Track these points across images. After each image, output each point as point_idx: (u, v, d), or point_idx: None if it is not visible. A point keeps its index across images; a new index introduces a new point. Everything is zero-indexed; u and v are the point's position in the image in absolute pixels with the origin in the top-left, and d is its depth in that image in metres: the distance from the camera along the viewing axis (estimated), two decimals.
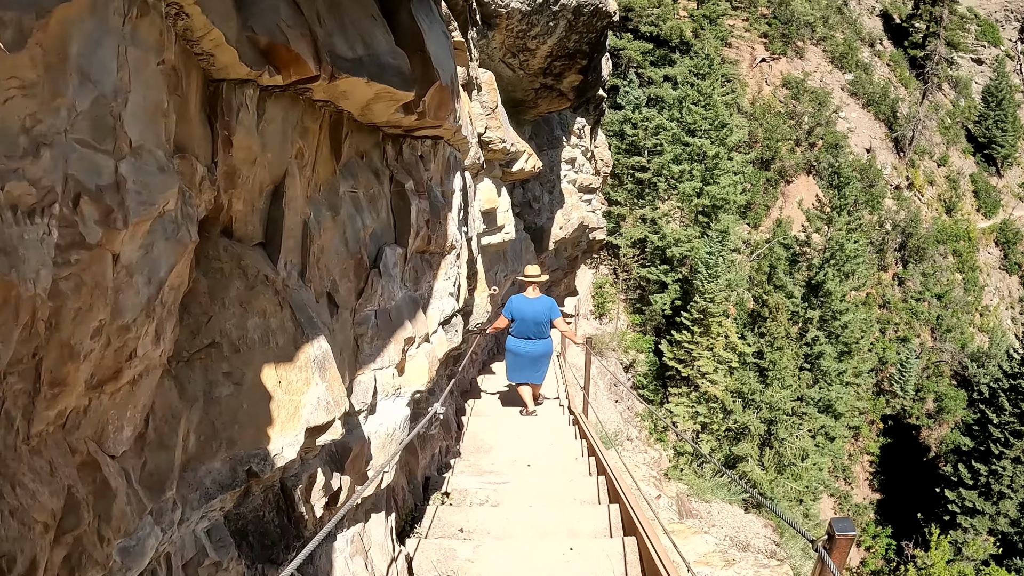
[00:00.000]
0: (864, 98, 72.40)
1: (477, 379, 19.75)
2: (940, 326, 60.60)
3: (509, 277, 19.83)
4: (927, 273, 62.89)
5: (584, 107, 25.98)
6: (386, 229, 7.09)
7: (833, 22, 76.84)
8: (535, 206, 23.21)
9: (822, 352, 36.89)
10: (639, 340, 40.45)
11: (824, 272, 37.18)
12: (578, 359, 25.66)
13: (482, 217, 14.26)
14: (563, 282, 32.47)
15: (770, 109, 64.59)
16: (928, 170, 72.00)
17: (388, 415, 6.78)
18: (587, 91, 19.32)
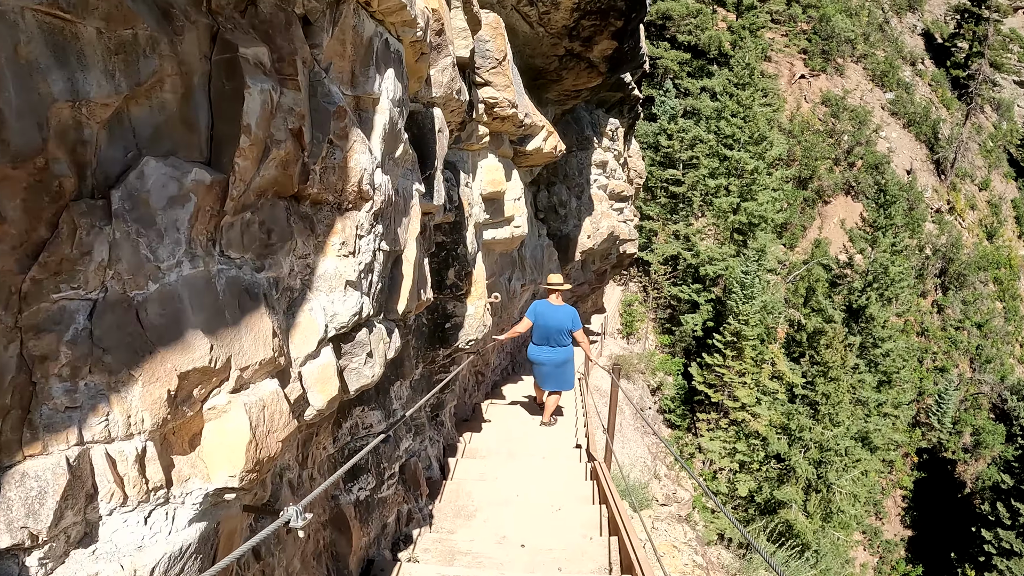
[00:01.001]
0: (905, 118, 70.26)
1: (482, 405, 16.68)
2: (979, 356, 57.83)
3: (527, 287, 17.67)
4: (967, 301, 60.32)
5: (618, 107, 24.22)
6: (177, 129, 3.62)
7: (874, 39, 74.67)
8: (561, 212, 21.29)
9: (862, 381, 34.60)
10: (667, 362, 39.08)
11: (867, 296, 34.86)
12: (603, 382, 23.55)
13: (483, 204, 12.19)
14: (590, 298, 30.45)
15: (808, 127, 62.64)
16: (969, 194, 69.80)
17: (125, 556, 3.29)
18: (623, 64, 16.59)
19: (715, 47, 53.63)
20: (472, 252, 10.75)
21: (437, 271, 10.10)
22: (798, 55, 67.91)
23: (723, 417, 35.18)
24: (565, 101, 17.96)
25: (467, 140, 10.92)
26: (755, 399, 32.63)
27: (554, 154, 15.34)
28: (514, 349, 22.42)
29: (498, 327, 14.73)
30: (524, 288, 17.60)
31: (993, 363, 58.06)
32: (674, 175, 42.32)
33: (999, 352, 59.24)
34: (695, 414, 36.63)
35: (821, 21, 68.96)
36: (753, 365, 34.83)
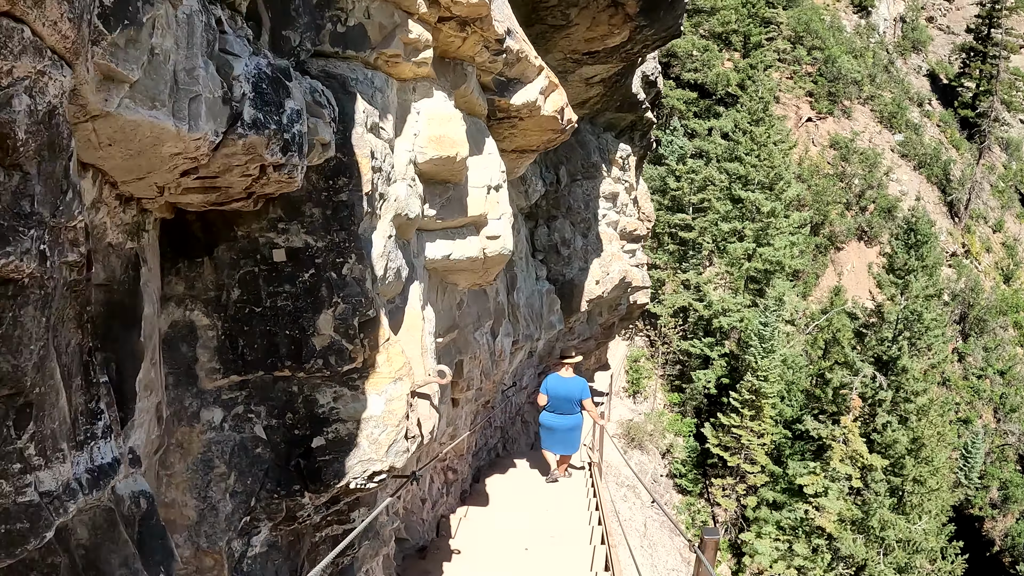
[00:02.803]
0: (915, 160, 68.40)
1: (452, 517, 12.35)
2: (1003, 405, 54.35)
3: (521, 345, 14.46)
4: (988, 347, 57.31)
5: (629, 132, 20.90)
6: None
7: (880, 81, 72.98)
8: (564, 252, 18.02)
9: (896, 441, 30.84)
10: (677, 422, 36.14)
11: (899, 346, 31.09)
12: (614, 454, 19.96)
13: (420, 183, 7.12)
14: (594, 354, 26.83)
15: (818, 171, 59.90)
16: (984, 236, 67.99)
17: None
18: (659, 9, 12.00)
19: (722, 86, 51.61)
20: (387, 276, 6.11)
21: (289, 317, 5.42)
22: (804, 98, 65.69)
23: (740, 482, 32.40)
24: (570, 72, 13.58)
25: (383, 46, 6.07)
26: (822, 487, 28.83)
27: (559, 124, 10.02)
28: (506, 423, 18.62)
29: (466, 422, 11.04)
30: (517, 347, 13.87)
31: (1018, 412, 54.31)
32: (683, 219, 39.27)
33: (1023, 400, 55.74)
34: (708, 479, 33.94)
35: (827, 63, 66.95)
36: (773, 424, 32.12)
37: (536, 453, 18.20)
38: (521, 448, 20.23)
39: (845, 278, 54.89)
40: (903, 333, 31.57)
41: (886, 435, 30.66)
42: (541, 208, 17.32)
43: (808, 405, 34.33)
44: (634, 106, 19.19)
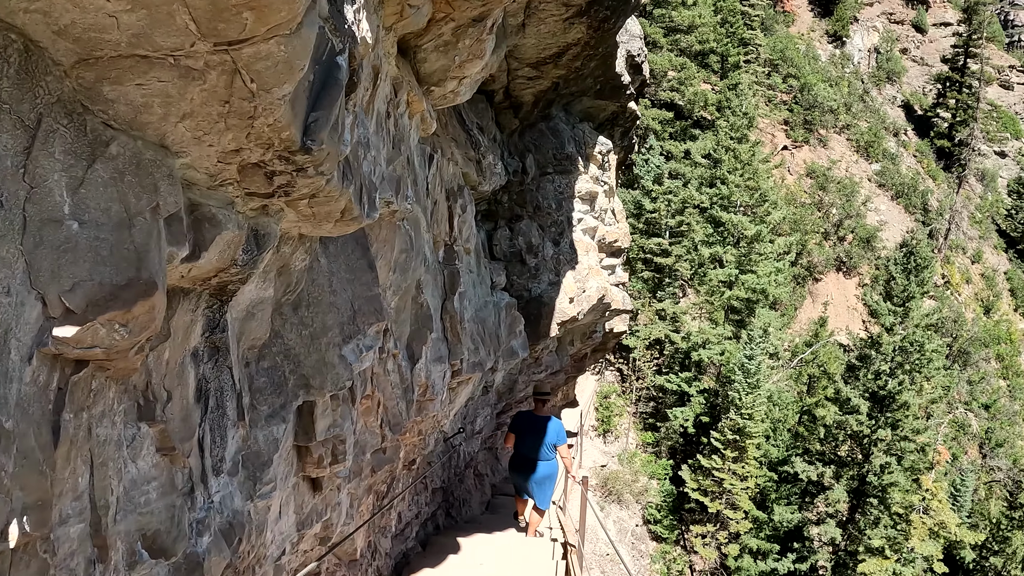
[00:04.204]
0: (893, 189, 67.80)
1: None
2: (989, 440, 52.23)
3: (466, 376, 10.82)
4: (972, 380, 55.53)
5: (609, 125, 17.34)
6: None
7: (856, 110, 72.85)
8: (530, 261, 14.45)
9: (894, 483, 28.02)
10: (651, 464, 33.18)
11: (898, 380, 28.35)
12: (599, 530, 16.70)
13: None
14: (562, 389, 23.26)
15: (795, 199, 57.88)
16: (963, 267, 67.43)
17: None
18: None
19: (699, 106, 49.26)
20: None
21: None
22: (780, 126, 64.26)
23: (720, 529, 29.82)
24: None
25: None
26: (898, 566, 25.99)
27: None
28: (450, 481, 15.04)
29: (355, 510, 7.56)
30: (460, 380, 10.28)
31: (1004, 446, 52.40)
32: (659, 244, 35.90)
33: (1010, 434, 54.13)
34: (686, 525, 31.14)
35: (802, 91, 66.17)
36: (757, 466, 29.53)
37: (496, 516, 16.02)
38: (472, 510, 16.58)
39: (836, 310, 53.32)
40: (902, 365, 28.55)
41: (884, 477, 27.68)
42: (502, 204, 13.85)
43: (796, 445, 32.14)
44: (617, 91, 15.91)
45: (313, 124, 3.90)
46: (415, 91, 7.09)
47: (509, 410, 18.35)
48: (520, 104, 13.01)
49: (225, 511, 4.66)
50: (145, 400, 3.85)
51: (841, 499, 29.41)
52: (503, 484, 19.57)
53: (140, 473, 3.85)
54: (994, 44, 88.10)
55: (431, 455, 12.05)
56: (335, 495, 6.80)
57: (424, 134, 8.28)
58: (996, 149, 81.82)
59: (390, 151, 6.37)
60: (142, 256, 3.27)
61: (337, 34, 4.11)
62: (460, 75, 7.72)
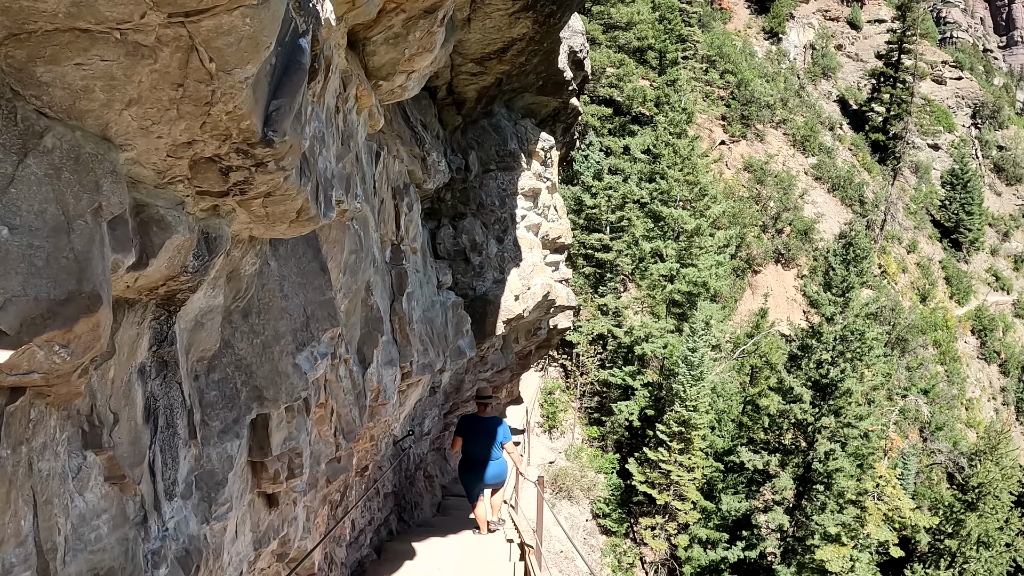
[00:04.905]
0: (829, 182, 68.88)
1: None
2: (930, 424, 53.93)
3: (416, 378, 10.38)
4: (911, 367, 56.77)
5: (551, 121, 17.38)
6: None
7: (792, 105, 73.89)
8: (474, 259, 14.25)
9: (839, 469, 28.17)
10: (598, 458, 32.95)
11: (839, 368, 28.64)
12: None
13: None
14: (506, 387, 23.09)
15: (733, 193, 57.87)
16: (899, 257, 68.79)
17: None
18: None
19: (638, 102, 49.42)
20: None
21: None
22: (718, 121, 64.66)
23: (669, 520, 29.56)
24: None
25: None
26: (849, 561, 25.77)
27: None
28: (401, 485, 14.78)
29: (312, 524, 7.15)
30: (410, 382, 9.94)
31: (944, 429, 54.40)
32: (600, 239, 35.83)
33: (949, 418, 56.05)
34: (634, 517, 30.89)
35: (739, 86, 66.81)
36: (703, 457, 29.38)
37: (448, 519, 15.99)
38: (424, 512, 16.31)
39: (777, 301, 53.53)
40: (843, 354, 28.76)
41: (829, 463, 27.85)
42: (446, 202, 13.56)
43: (741, 435, 32.31)
44: (559, 87, 15.76)
45: (275, 113, 3.47)
46: (364, 85, 6.78)
47: (456, 410, 18.10)
48: (463, 101, 12.75)
49: (181, 537, 4.30)
50: (90, 425, 3.42)
51: (787, 486, 29.53)
52: (453, 485, 19.35)
53: (88, 507, 3.45)
54: (927, 40, 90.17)
55: (382, 460, 11.79)
56: (291, 509, 6.46)
57: (372, 130, 7.95)
58: (929, 142, 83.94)
59: (340, 147, 6.02)
60: (83, 266, 2.81)
61: (301, 12, 3.68)
62: (409, 69, 7.43)
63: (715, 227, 38.20)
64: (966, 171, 75.79)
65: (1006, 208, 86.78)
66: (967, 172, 75.77)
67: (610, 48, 49.14)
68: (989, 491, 31.26)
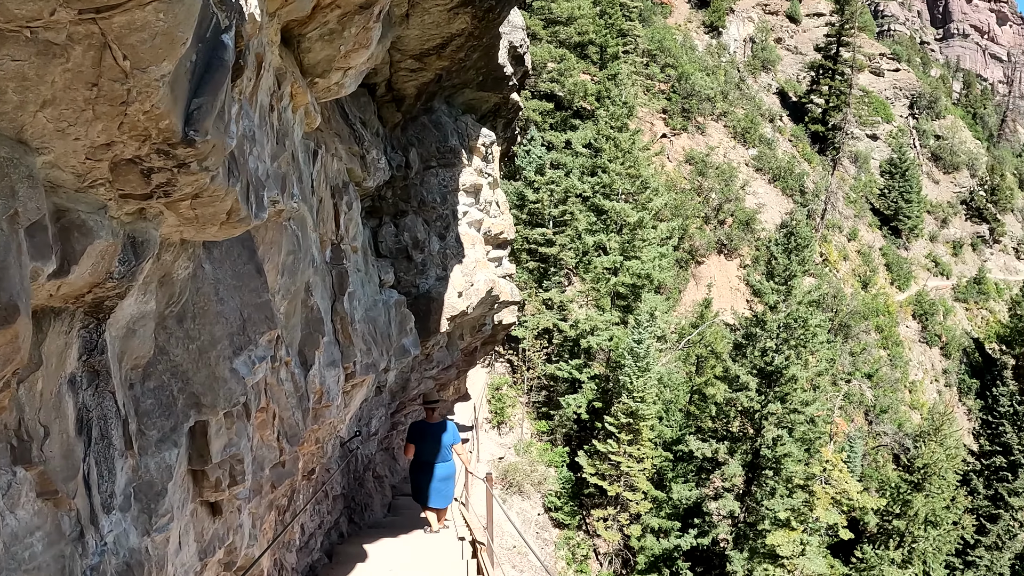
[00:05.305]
0: (770, 173, 69.71)
1: None
2: (874, 408, 55.58)
3: (360, 378, 10.08)
4: (854, 352, 57.92)
5: (492, 117, 17.13)
6: None
7: (733, 98, 74.73)
8: (417, 257, 13.93)
9: (787, 455, 28.41)
10: (547, 452, 32.96)
11: (784, 355, 28.91)
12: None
13: None
14: (453, 384, 22.83)
15: (675, 186, 58.25)
16: (840, 245, 70.16)
17: None
18: None
19: (579, 97, 49.52)
20: None
21: None
22: (659, 114, 65.08)
23: (621, 511, 29.66)
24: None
25: None
26: (799, 545, 25.77)
27: None
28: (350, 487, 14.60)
29: (259, 531, 6.92)
30: (354, 383, 9.77)
31: (888, 412, 56.13)
32: (543, 234, 35.79)
33: (893, 400, 57.77)
34: (586, 510, 30.89)
35: (680, 80, 67.17)
36: (652, 447, 29.65)
37: (399, 518, 16.01)
38: (375, 513, 16.17)
39: (722, 291, 54.38)
40: (787, 341, 29.01)
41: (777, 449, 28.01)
42: (387, 200, 13.35)
43: (688, 424, 32.47)
44: (500, 83, 15.58)
45: (196, 112, 3.30)
46: (299, 82, 6.62)
47: (403, 409, 17.96)
48: (403, 97, 12.58)
49: (121, 551, 4.15)
50: (19, 440, 3.25)
51: (737, 473, 29.63)
52: (403, 484, 19.21)
53: (21, 524, 3.29)
54: (865, 33, 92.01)
55: (329, 462, 11.60)
56: (236, 517, 6.29)
57: (308, 128, 7.79)
58: (868, 132, 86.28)
59: (275, 146, 5.86)
60: (0, 275, 2.72)
61: (223, 7, 3.52)
62: (345, 66, 7.27)
63: (657, 219, 38.33)
64: (904, 160, 77.45)
65: (944, 196, 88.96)
66: (905, 161, 77.41)
67: (551, 43, 49.20)
68: (934, 471, 31.66)
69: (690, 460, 31.08)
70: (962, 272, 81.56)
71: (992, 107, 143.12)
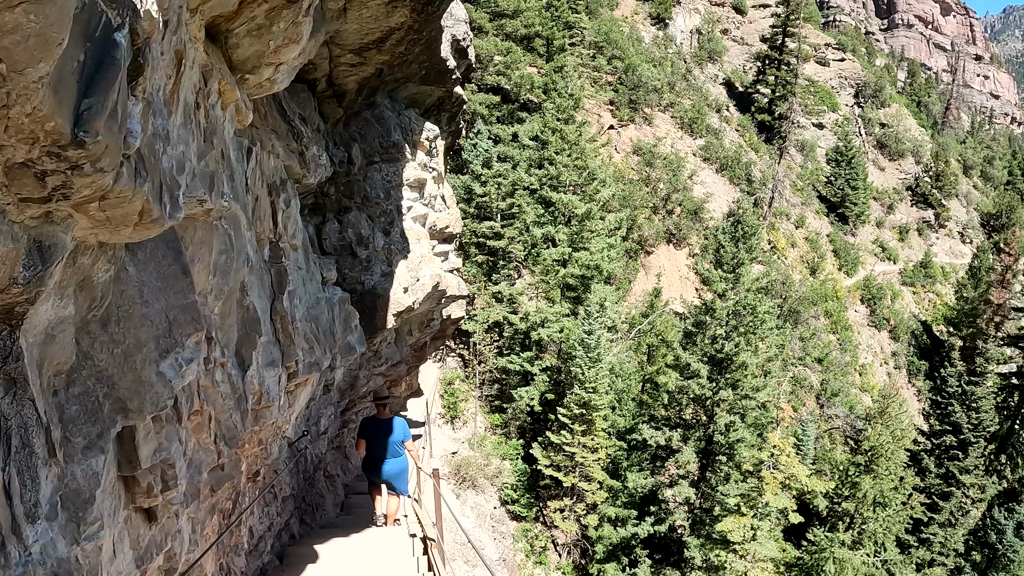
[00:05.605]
0: (717, 163, 69.75)
1: None
2: (825, 391, 56.23)
3: (303, 377, 10.02)
4: (804, 337, 58.71)
5: (436, 111, 16.84)
6: None
7: (680, 89, 74.81)
8: (361, 253, 13.78)
9: (740, 440, 28.62)
10: (502, 445, 32.85)
11: (734, 342, 29.08)
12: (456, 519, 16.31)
13: None
14: (404, 380, 22.70)
15: (623, 177, 58.18)
16: (788, 232, 70.60)
17: None
18: None
19: (526, 89, 49.25)
20: None
21: None
22: (606, 106, 64.98)
23: (578, 501, 29.67)
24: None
25: None
26: (750, 530, 25.85)
27: None
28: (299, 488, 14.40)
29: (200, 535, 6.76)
30: (298, 382, 9.63)
31: (840, 395, 56.76)
32: (492, 227, 35.74)
33: (844, 384, 58.36)
34: (543, 501, 30.91)
35: (627, 71, 67.10)
36: (606, 437, 29.53)
37: (351, 517, 15.88)
38: (327, 513, 15.97)
39: (673, 281, 54.46)
40: (737, 328, 29.20)
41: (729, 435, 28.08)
42: (330, 197, 13.15)
43: (641, 413, 32.45)
44: (442, 76, 15.40)
45: (87, 112, 3.16)
46: (227, 79, 6.46)
47: (353, 407, 17.80)
48: (344, 92, 12.43)
49: (48, 561, 4.02)
50: None
51: (691, 460, 29.71)
52: (356, 483, 19.02)
53: None
54: (811, 24, 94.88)
55: (276, 463, 11.35)
56: (174, 523, 6.15)
57: (240, 126, 7.62)
58: (814, 121, 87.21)
59: (201, 145, 5.69)
60: None
61: (113, 6, 3.38)
62: (276, 61, 7.12)
63: (605, 210, 38.27)
64: (850, 148, 78.49)
65: (889, 182, 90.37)
66: (851, 149, 78.44)
67: (497, 36, 48.87)
68: (881, 453, 31.91)
69: (644, 448, 31.13)
70: (908, 257, 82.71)
71: (936, 95, 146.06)
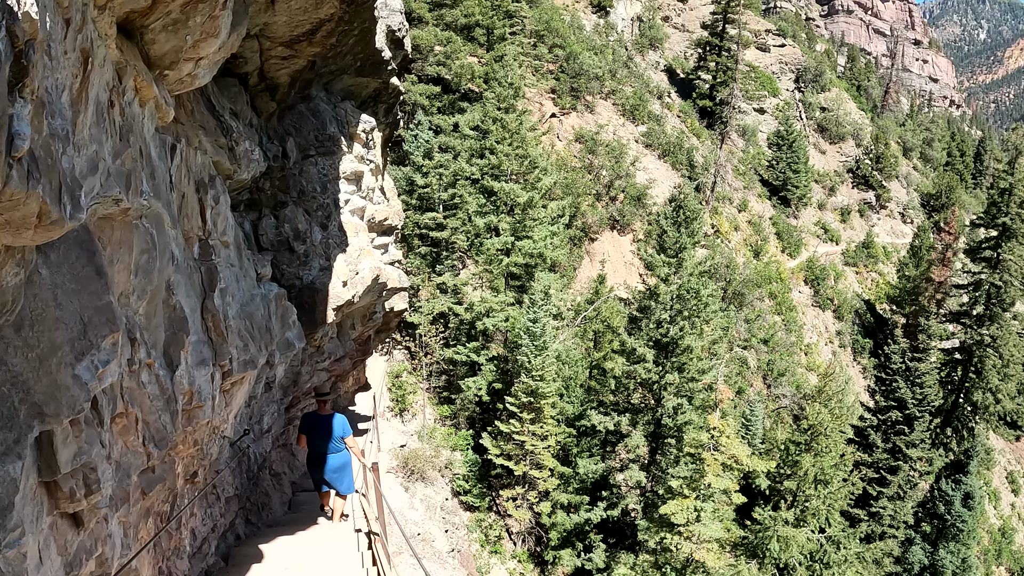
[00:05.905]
0: (660, 149, 69.74)
1: None
2: (772, 372, 56.80)
3: (238, 375, 9.92)
4: (749, 319, 58.97)
5: (372, 103, 16.80)
6: None
7: (621, 76, 74.66)
8: (299, 248, 13.65)
9: (688, 422, 29.02)
10: (451, 436, 32.58)
11: (679, 326, 29.15)
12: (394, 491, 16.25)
13: None
14: (351, 375, 22.65)
15: (565, 165, 58.09)
16: (731, 216, 70.89)
17: None
18: None
19: (467, 79, 48.90)
20: None
21: None
22: (547, 95, 64.65)
23: (530, 489, 29.68)
24: None
25: None
26: (693, 512, 25.88)
27: None
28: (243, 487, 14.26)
29: (132, 539, 6.64)
30: (233, 381, 9.50)
31: (786, 375, 57.34)
32: (434, 218, 35.56)
33: (790, 363, 58.98)
34: (495, 491, 30.88)
35: (568, 60, 66.71)
36: (555, 424, 29.37)
37: (299, 515, 15.76)
38: (274, 512, 15.82)
39: (617, 267, 54.48)
40: (681, 312, 29.27)
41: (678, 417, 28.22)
42: (265, 192, 13.00)
43: (590, 399, 32.64)
44: (378, 67, 15.29)
45: None
46: (143, 76, 6.31)
47: (297, 404, 17.66)
48: (276, 86, 12.27)
49: None
50: None
51: (640, 444, 29.89)
52: (303, 480, 18.80)
53: None
54: (751, 11, 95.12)
55: (217, 463, 11.18)
56: (103, 527, 6.03)
57: (162, 123, 7.45)
58: (755, 106, 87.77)
59: (117, 143, 5.57)
60: None
61: None
62: (195, 56, 6.99)
63: (548, 198, 38.27)
64: (791, 132, 79.30)
65: (831, 165, 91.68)
66: (792, 133, 79.27)
67: (437, 26, 48.68)
68: (821, 431, 32.20)
69: (594, 434, 31.21)
70: (851, 237, 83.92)
71: (876, 79, 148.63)
